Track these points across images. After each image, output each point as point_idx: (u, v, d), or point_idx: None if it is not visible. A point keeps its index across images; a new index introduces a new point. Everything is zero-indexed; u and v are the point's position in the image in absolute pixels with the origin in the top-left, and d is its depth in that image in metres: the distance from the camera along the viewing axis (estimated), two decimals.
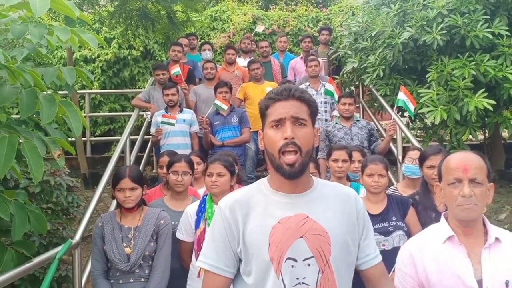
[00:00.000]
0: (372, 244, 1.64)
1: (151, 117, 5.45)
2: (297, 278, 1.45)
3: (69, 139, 3.76)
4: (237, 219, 1.52)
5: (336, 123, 4.85)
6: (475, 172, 1.72)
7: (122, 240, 2.84)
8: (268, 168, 1.59)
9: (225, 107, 5.03)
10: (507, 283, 1.68)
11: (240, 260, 1.53)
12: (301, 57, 7.12)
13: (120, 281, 2.81)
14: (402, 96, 4.54)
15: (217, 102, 5.04)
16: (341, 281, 1.51)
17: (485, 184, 1.74)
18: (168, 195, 3.42)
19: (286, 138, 1.44)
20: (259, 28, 8.85)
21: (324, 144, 4.80)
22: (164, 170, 3.76)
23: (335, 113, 5.43)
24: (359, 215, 1.60)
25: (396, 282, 1.89)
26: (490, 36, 4.83)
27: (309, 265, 1.46)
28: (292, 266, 1.45)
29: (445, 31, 4.97)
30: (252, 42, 7.55)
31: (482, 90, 4.77)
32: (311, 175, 1.62)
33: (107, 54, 8.53)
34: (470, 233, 1.77)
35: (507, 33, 4.91)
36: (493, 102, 4.73)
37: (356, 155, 3.83)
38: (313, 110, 1.54)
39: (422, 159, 3.23)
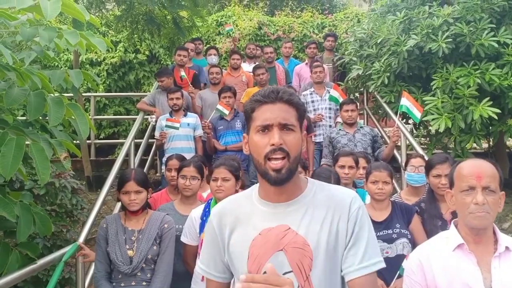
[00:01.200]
0: (359, 254, 1.38)
1: (156, 121, 5.47)
2: None
3: (74, 141, 3.79)
4: (222, 229, 1.49)
5: (339, 129, 4.86)
6: (489, 180, 1.72)
7: (125, 242, 2.85)
8: None
9: (226, 112, 5.05)
10: None
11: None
12: (306, 63, 7.14)
13: (122, 284, 2.81)
14: (405, 101, 4.48)
15: (219, 107, 5.06)
16: None
17: (497, 192, 1.73)
18: (177, 199, 3.44)
19: (273, 145, 1.35)
20: (228, 27, 8.90)
21: (328, 150, 4.81)
22: (172, 173, 3.77)
23: (339, 119, 5.44)
24: (350, 222, 1.41)
25: None
26: (496, 45, 4.83)
27: None
28: None
29: (451, 39, 4.97)
30: (257, 48, 7.57)
31: (487, 98, 4.77)
32: (306, 179, 1.53)
33: (113, 57, 8.56)
34: (480, 242, 1.77)
35: None
36: (498, 110, 4.72)
37: (361, 162, 3.83)
38: (301, 113, 1.44)
39: (428, 168, 3.22)
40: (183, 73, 5.92)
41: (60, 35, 2.69)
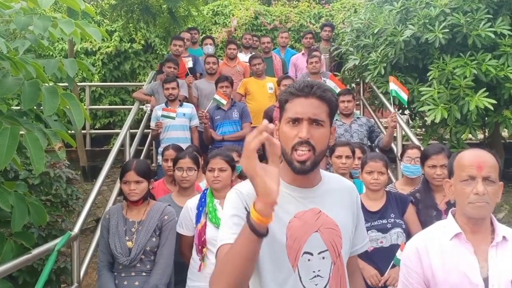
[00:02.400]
0: (362, 235, 1.72)
1: (151, 110, 5.45)
2: (313, 271, 1.48)
3: (69, 131, 3.76)
4: None
5: (336, 120, 4.85)
6: (489, 170, 1.71)
7: (125, 233, 2.85)
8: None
9: (224, 101, 5.03)
10: None
11: None
12: (303, 53, 7.12)
13: (123, 274, 2.83)
14: (393, 86, 4.55)
15: (217, 97, 5.04)
16: (347, 269, 1.59)
17: (497, 182, 1.73)
18: (175, 191, 3.44)
19: (300, 138, 1.42)
20: (234, 22, 8.81)
21: None
22: (169, 163, 3.77)
23: None
24: (356, 206, 1.66)
25: (401, 278, 1.89)
26: (492, 36, 4.82)
27: (323, 258, 1.50)
28: (309, 260, 1.47)
29: (447, 30, 4.96)
30: (254, 38, 7.53)
31: (483, 89, 4.77)
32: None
33: (108, 47, 8.50)
34: (478, 231, 1.77)
35: (510, 32, 4.89)
36: (494, 101, 4.72)
37: (357, 152, 3.83)
38: (332, 109, 1.50)
39: (423, 158, 3.23)
40: (190, 63, 5.92)
41: (55, 24, 2.67)
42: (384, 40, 5.67)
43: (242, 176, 3.57)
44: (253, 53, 6.79)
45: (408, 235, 2.80)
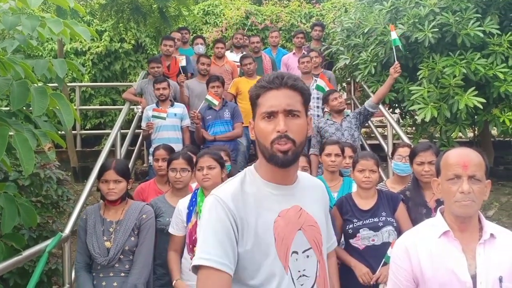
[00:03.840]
0: (330, 233, 1.73)
1: (142, 111, 5.43)
2: (299, 271, 1.44)
3: (59, 132, 3.74)
4: (240, 211, 1.39)
5: (327, 119, 4.87)
6: (475, 169, 1.72)
7: (103, 233, 2.83)
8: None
9: (216, 102, 5.02)
10: (500, 279, 1.69)
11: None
12: (294, 53, 7.12)
13: (101, 275, 2.81)
14: (394, 35, 4.64)
15: (209, 97, 5.03)
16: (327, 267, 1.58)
17: (483, 181, 1.74)
18: (169, 192, 3.43)
19: (279, 132, 1.37)
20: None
21: (316, 140, 4.82)
22: (160, 163, 3.76)
23: (327, 109, 5.45)
24: (326, 204, 1.66)
25: (390, 275, 1.90)
26: (481, 35, 4.86)
27: (308, 256, 1.46)
28: (296, 259, 1.43)
29: (437, 29, 4.99)
30: (245, 37, 7.53)
31: (473, 88, 4.81)
32: None
33: (98, 47, 8.46)
34: (466, 229, 1.78)
35: (498, 31, 4.95)
36: (483, 100, 4.76)
37: (347, 151, 3.85)
38: (306, 98, 1.46)
39: (412, 156, 3.26)
40: (184, 62, 5.91)
41: (43, 24, 2.65)
42: (374, 40, 5.70)
43: (230, 176, 3.57)
44: (244, 53, 6.78)
45: (399, 233, 2.82)
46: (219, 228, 1.35)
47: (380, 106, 5.47)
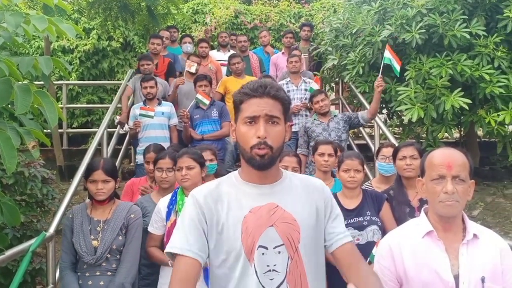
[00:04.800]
0: (341, 227, 1.65)
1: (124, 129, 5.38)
2: (268, 266, 1.50)
3: (45, 130, 3.70)
4: (210, 207, 1.54)
5: (314, 119, 4.88)
6: (459, 169, 1.73)
7: (90, 232, 2.82)
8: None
9: (206, 101, 5.01)
10: (483, 279, 1.71)
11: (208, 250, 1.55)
12: (283, 52, 7.13)
13: (87, 274, 2.78)
14: (388, 54, 4.57)
15: (199, 96, 5.02)
16: (310, 267, 1.56)
17: (467, 181, 1.75)
18: (155, 191, 3.41)
19: (259, 137, 1.48)
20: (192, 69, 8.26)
21: (303, 140, 4.84)
22: (151, 166, 3.74)
23: None
24: (327, 202, 1.64)
25: None
26: (468, 36, 4.91)
27: (279, 252, 1.51)
28: (263, 254, 1.50)
29: (424, 30, 5.03)
30: (230, 36, 7.52)
31: (459, 89, 4.86)
32: (280, 168, 1.66)
33: (85, 45, 8.40)
34: (449, 229, 1.79)
35: (484, 33, 5.00)
36: (469, 101, 4.81)
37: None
38: (286, 107, 1.57)
39: (394, 153, 3.31)
40: (193, 69, 5.84)
41: (28, 21, 2.62)
42: (362, 40, 5.73)
43: (218, 175, 3.56)
44: (232, 52, 6.77)
45: (384, 232, 2.84)
46: (188, 220, 1.53)
47: (368, 106, 5.50)
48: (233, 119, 1.64)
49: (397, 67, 4.59)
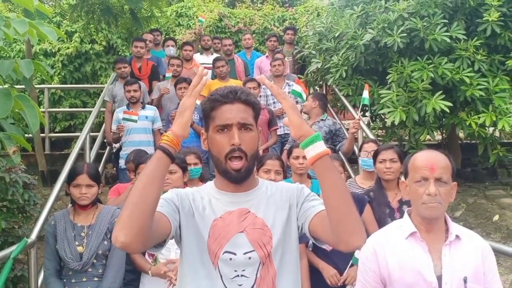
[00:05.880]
0: (316, 202, 1.54)
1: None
2: (235, 271, 1.48)
3: (27, 135, 3.65)
4: (188, 202, 1.54)
5: None
6: (441, 172, 1.76)
7: (74, 238, 2.79)
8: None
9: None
10: (465, 280, 1.73)
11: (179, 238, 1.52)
12: (267, 56, 7.16)
13: (73, 280, 2.76)
14: (366, 94, 4.54)
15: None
16: (283, 272, 1.52)
17: (449, 183, 1.78)
18: None
19: (233, 145, 1.45)
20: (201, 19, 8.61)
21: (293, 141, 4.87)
22: (132, 175, 3.72)
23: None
24: (299, 196, 1.58)
25: (359, 276, 1.93)
26: (448, 40, 4.97)
27: (249, 258, 1.49)
28: (231, 259, 1.48)
29: (405, 34, 5.08)
30: (213, 39, 7.52)
31: (440, 92, 4.91)
32: (257, 177, 1.66)
33: (68, 48, 8.31)
34: (432, 230, 1.82)
35: (464, 37, 5.06)
36: (450, 104, 4.87)
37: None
38: (257, 112, 1.56)
39: (375, 156, 3.35)
40: (167, 74, 5.80)
41: (8, 24, 2.59)
42: (345, 44, 5.76)
43: (203, 180, 3.55)
44: (216, 55, 6.77)
45: (366, 235, 2.86)
46: (162, 201, 1.47)
47: (351, 110, 5.55)
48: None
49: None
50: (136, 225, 1.26)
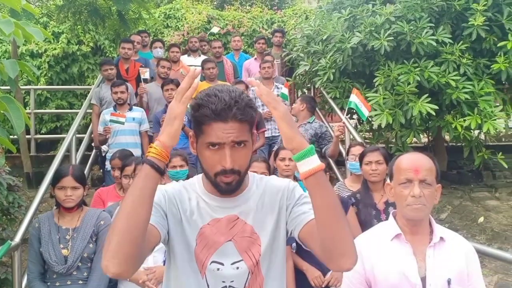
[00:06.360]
0: (306, 207, 1.44)
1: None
2: (224, 282, 1.42)
3: (12, 136, 3.61)
4: (174, 205, 1.45)
5: None
6: (426, 174, 1.77)
7: (59, 241, 2.76)
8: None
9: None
10: (449, 281, 1.74)
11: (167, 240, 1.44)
12: (255, 58, 7.16)
13: (57, 284, 2.73)
14: (354, 98, 4.50)
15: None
16: (270, 278, 1.47)
17: (433, 185, 1.80)
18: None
19: (224, 167, 1.34)
20: (215, 29, 8.77)
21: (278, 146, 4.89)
22: (116, 173, 3.70)
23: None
24: (290, 198, 1.50)
25: (344, 278, 1.93)
26: (434, 44, 5.01)
27: (237, 268, 1.43)
28: (218, 269, 1.42)
29: (392, 37, 5.11)
30: (202, 42, 7.51)
31: (426, 95, 4.95)
32: (248, 174, 1.52)
33: (54, 49, 8.25)
34: (417, 232, 1.83)
35: (450, 41, 5.12)
36: (436, 107, 4.91)
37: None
38: (253, 124, 1.41)
39: (361, 158, 3.38)
40: (147, 74, 5.77)
41: None
42: (333, 47, 5.78)
43: None
44: (204, 57, 6.76)
45: None
46: (157, 201, 1.39)
47: (339, 112, 5.57)
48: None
49: (364, 111, 4.41)
50: (127, 252, 1.18)
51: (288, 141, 1.28)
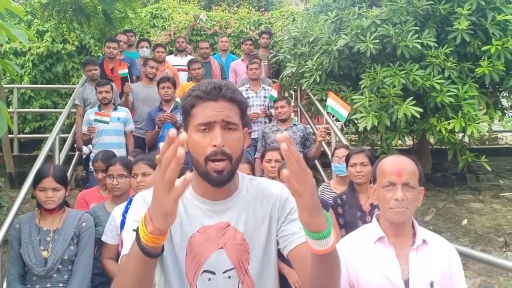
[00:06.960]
0: (297, 226, 1.39)
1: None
2: None
3: None
4: None
5: (273, 125, 4.95)
6: (409, 177, 1.78)
7: (39, 243, 2.72)
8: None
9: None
10: (431, 284, 1.75)
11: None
12: (242, 59, 7.15)
13: (37, 286, 2.69)
14: (330, 102, 4.46)
15: (178, 99, 4.95)
16: (260, 283, 1.42)
17: (416, 188, 1.80)
18: (109, 200, 3.33)
19: (215, 146, 1.28)
20: (203, 16, 8.69)
21: (261, 145, 4.90)
22: (99, 175, 3.66)
23: None
24: (282, 209, 1.45)
25: None
26: (419, 47, 5.06)
27: (229, 277, 1.37)
28: (209, 279, 1.36)
29: (378, 40, 5.15)
30: (186, 41, 7.49)
31: (411, 98, 4.99)
32: (237, 174, 1.47)
33: (39, 47, 8.14)
34: (400, 235, 1.83)
35: (435, 44, 5.16)
36: (421, 110, 4.95)
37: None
38: (243, 111, 1.38)
39: (346, 159, 3.40)
40: (122, 71, 5.72)
41: None
42: (319, 49, 5.81)
43: None
44: (192, 57, 6.74)
45: None
46: (137, 223, 1.24)
47: (325, 114, 5.57)
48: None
49: (343, 113, 4.39)
50: None
51: (306, 224, 1.14)
